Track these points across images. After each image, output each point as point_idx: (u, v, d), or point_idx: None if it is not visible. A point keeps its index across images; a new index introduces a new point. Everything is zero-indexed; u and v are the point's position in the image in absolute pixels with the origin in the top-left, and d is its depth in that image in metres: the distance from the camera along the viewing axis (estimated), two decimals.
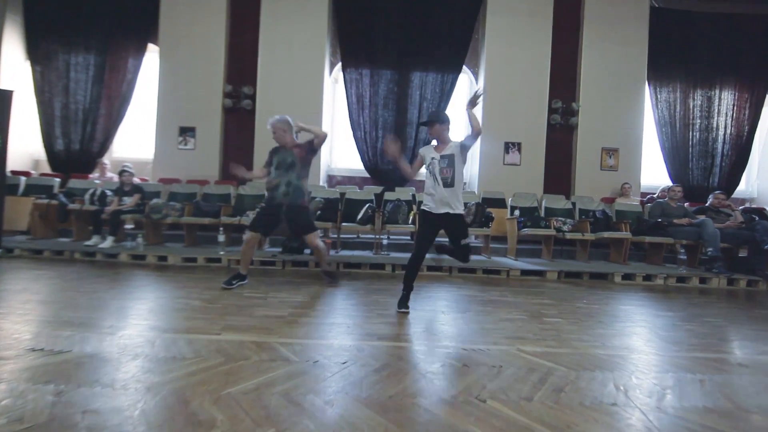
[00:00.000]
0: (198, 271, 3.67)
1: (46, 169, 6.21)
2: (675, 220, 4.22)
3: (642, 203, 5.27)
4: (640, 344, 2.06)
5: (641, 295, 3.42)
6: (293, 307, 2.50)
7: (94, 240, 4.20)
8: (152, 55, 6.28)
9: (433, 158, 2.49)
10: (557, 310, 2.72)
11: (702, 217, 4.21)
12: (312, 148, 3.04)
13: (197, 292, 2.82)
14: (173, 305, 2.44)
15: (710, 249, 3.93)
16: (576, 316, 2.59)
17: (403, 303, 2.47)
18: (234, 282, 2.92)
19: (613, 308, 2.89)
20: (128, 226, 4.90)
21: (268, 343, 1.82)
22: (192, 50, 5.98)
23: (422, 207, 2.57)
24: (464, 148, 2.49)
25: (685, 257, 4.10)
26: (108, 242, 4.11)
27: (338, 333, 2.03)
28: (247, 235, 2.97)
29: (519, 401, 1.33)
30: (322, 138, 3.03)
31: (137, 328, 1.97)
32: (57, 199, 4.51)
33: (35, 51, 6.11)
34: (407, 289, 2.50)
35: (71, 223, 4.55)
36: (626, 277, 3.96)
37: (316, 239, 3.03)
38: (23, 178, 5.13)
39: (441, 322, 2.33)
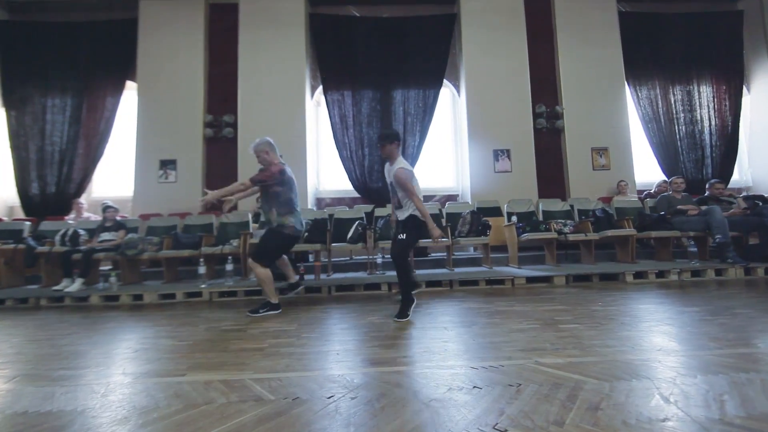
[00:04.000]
0: (176, 308, 3.34)
1: (21, 215, 5.93)
2: (681, 207, 4.03)
3: (641, 200, 5.12)
4: (673, 344, 1.79)
5: (658, 293, 3.16)
6: (275, 337, 2.20)
7: (63, 284, 3.86)
8: (130, 92, 6.23)
9: (390, 182, 2.69)
10: (572, 315, 2.45)
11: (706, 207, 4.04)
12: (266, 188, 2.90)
13: (169, 330, 2.51)
14: (137, 347, 2.12)
15: (718, 236, 3.72)
16: (594, 320, 2.32)
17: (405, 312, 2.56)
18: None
19: (632, 308, 2.62)
20: (104, 267, 4.58)
21: (240, 381, 1.52)
22: (170, 83, 5.95)
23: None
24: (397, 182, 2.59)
25: (696, 249, 3.89)
26: (76, 285, 3.77)
27: (325, 362, 1.73)
28: None
29: (548, 427, 1.05)
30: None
31: (84, 377, 1.65)
32: (24, 242, 4.21)
33: (10, 96, 6.02)
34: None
35: (40, 268, 4.22)
36: (638, 275, 3.71)
37: (257, 268, 2.82)
38: None
39: (443, 339, 2.04)
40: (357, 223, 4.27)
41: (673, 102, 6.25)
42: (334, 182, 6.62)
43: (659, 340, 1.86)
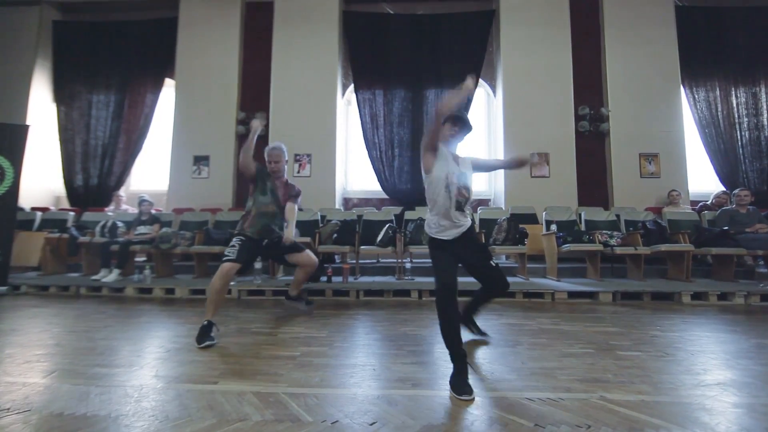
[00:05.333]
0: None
1: (66, 205, 6.25)
2: (749, 229, 3.62)
3: (697, 212, 4.67)
4: (766, 387, 1.53)
5: (723, 318, 2.82)
6: (307, 345, 2.10)
7: (101, 273, 3.99)
8: (168, 89, 6.42)
9: (452, 171, 1.81)
10: (629, 340, 2.21)
11: None
12: (294, 201, 2.75)
13: None
14: (169, 345, 2.10)
15: None
16: (656, 347, 2.07)
17: (464, 381, 1.46)
18: (212, 335, 2.13)
19: (697, 335, 2.34)
20: (139, 259, 4.70)
21: (274, 395, 1.43)
22: (206, 81, 6.08)
23: (431, 234, 1.90)
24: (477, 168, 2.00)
25: (766, 270, 3.47)
26: (113, 275, 3.88)
27: (362, 378, 1.61)
28: (226, 266, 2.33)
29: None
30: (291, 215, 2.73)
31: (118, 377, 1.62)
32: (68, 232, 4.39)
33: (61, 92, 6.36)
34: (459, 355, 1.54)
35: (81, 256, 4.39)
36: (696, 296, 3.35)
37: (309, 253, 2.75)
38: (39, 214, 5.10)
39: (487, 359, 1.88)
40: (387, 226, 4.15)
41: (735, 105, 5.69)
42: (362, 182, 6.54)
43: (744, 380, 1.61)
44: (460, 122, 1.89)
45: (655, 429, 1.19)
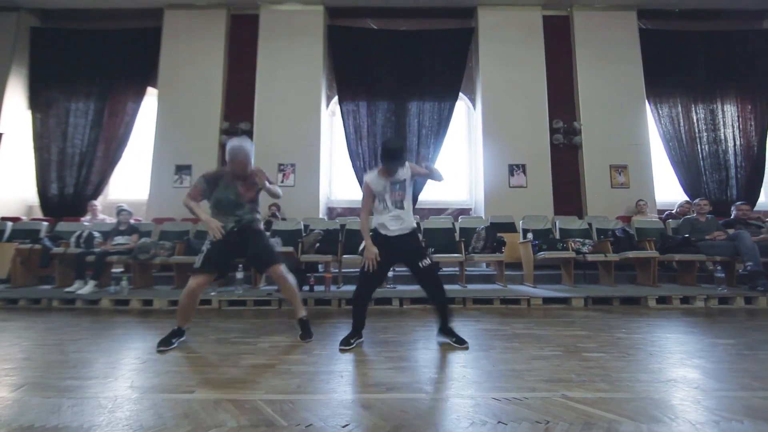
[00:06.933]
0: None
1: (39, 214, 6.05)
2: (708, 237, 3.87)
3: (663, 220, 4.95)
4: (711, 382, 1.66)
5: (684, 321, 3.00)
6: (286, 353, 2.13)
7: (75, 285, 3.88)
8: (150, 98, 6.38)
9: (384, 186, 2.34)
10: (595, 342, 2.33)
11: (734, 231, 3.88)
12: (258, 191, 2.50)
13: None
14: (145, 357, 2.08)
15: (749, 263, 3.54)
16: (619, 348, 2.19)
17: (348, 340, 2.26)
18: (173, 340, 2.24)
19: (658, 337, 2.48)
20: (116, 270, 4.60)
21: (251, 402, 1.46)
22: (190, 90, 6.07)
23: (372, 230, 2.36)
24: (416, 174, 2.41)
25: (723, 275, 3.71)
26: (88, 287, 3.78)
27: (338, 384, 1.66)
28: (194, 280, 2.24)
29: None
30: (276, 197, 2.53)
31: (91, 389, 1.61)
32: (41, 243, 4.26)
33: (37, 99, 6.22)
34: (358, 325, 2.34)
35: (54, 268, 4.26)
36: (661, 300, 3.54)
37: (284, 271, 2.37)
38: (10, 224, 4.92)
39: (461, 363, 1.95)
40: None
41: (695, 120, 6.10)
42: (346, 191, 6.61)
43: (694, 376, 1.74)
44: (385, 163, 2.29)
45: (608, 423, 1.28)
